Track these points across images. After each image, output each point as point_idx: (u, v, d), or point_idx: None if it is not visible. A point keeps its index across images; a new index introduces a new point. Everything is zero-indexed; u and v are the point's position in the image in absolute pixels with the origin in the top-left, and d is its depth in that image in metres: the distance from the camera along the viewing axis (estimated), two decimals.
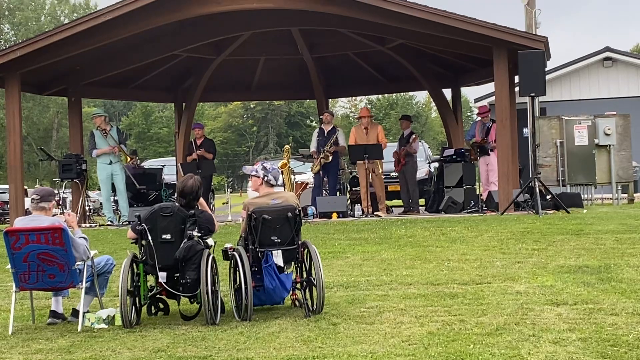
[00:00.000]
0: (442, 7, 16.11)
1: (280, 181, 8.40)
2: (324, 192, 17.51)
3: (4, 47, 45.18)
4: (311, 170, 17.77)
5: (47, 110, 65.16)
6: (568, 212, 15.03)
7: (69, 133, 20.46)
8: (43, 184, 43.72)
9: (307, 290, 7.88)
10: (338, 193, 17.62)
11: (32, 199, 7.75)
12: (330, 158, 17.25)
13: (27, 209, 17.42)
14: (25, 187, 21.26)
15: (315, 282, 7.64)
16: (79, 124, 19.59)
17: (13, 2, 68.69)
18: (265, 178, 8.15)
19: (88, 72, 19.51)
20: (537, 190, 14.84)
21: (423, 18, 16.02)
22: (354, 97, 73.29)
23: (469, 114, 69.43)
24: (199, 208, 7.90)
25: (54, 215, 7.83)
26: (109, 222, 17.79)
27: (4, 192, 27.74)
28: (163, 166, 21.52)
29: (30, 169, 60.30)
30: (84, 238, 7.79)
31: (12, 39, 66.29)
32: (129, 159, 17.82)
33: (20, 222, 7.72)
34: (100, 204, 36.51)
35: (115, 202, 18.51)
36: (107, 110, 77.41)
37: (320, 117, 18.73)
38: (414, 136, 18.04)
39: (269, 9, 17.09)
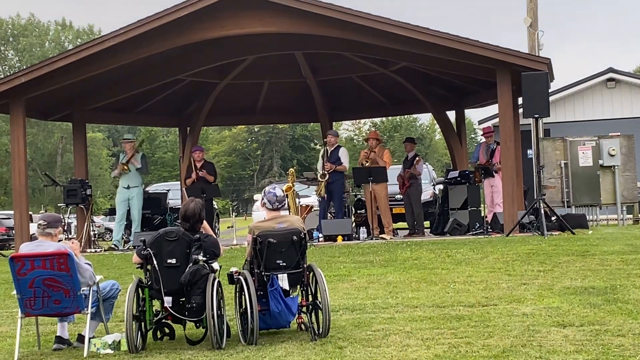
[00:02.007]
0: (446, 30, 16.17)
1: (284, 204, 8.37)
2: (330, 215, 17.47)
3: (9, 74, 45.38)
4: (316, 193, 17.69)
5: (52, 136, 65.26)
6: (573, 233, 15.01)
7: (73, 158, 20.50)
8: (48, 209, 43.72)
9: (313, 314, 7.87)
10: (343, 216, 17.58)
11: (39, 224, 7.76)
12: (327, 176, 17.04)
13: (33, 234, 17.48)
14: (30, 212, 21.29)
15: (321, 306, 7.63)
16: (84, 149, 19.66)
17: (17, 28, 68.98)
18: (262, 201, 8.17)
19: (92, 98, 19.59)
20: (542, 211, 14.82)
21: (426, 41, 16.07)
22: (358, 120, 73.41)
23: (473, 135, 69.51)
24: (204, 232, 7.91)
25: (59, 241, 7.83)
26: (113, 245, 17.83)
27: (9, 218, 27.78)
28: (168, 190, 21.54)
29: (35, 195, 60.30)
30: (88, 264, 7.79)
31: (16, 65, 66.51)
32: (125, 167, 17.83)
33: (25, 248, 7.73)
34: (106, 229, 36.55)
35: (127, 227, 18.49)
36: (112, 135, 77.73)
37: (325, 139, 18.59)
38: (417, 158, 18.05)
39: (273, 33, 17.15)
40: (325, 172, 17.01)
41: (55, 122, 45.14)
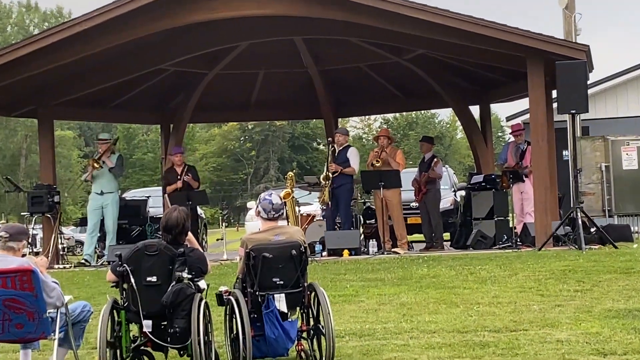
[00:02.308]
0: (468, 13, 16.16)
1: (282, 213, 8.38)
2: (336, 225, 17.46)
3: None
4: (319, 201, 17.68)
5: (14, 134, 65.41)
6: (615, 247, 15.00)
7: (39, 160, 20.52)
8: (10, 219, 43.79)
9: (314, 340, 7.88)
10: (350, 227, 17.59)
11: (0, 236, 7.76)
12: (331, 179, 17.06)
13: None
14: None
15: (324, 331, 7.63)
16: (51, 149, 19.65)
17: None
18: (257, 209, 8.19)
19: (61, 90, 19.60)
20: (580, 221, 14.82)
21: (445, 25, 16.08)
22: (367, 117, 73.55)
23: (499, 134, 69.57)
24: (189, 245, 7.91)
25: (23, 256, 7.83)
26: (84, 260, 17.85)
27: None
28: (148, 197, 21.55)
29: None
30: (55, 283, 7.79)
31: None
32: (95, 164, 17.84)
33: None
34: (76, 241, 36.57)
35: (100, 238, 18.50)
36: (84, 133, 77.84)
37: (329, 139, 18.44)
38: (436, 159, 18.07)
39: (269, 15, 17.18)
40: (330, 175, 16.96)
41: (18, 119, 45.18)
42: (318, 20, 17.25)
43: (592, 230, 16.19)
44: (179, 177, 18.35)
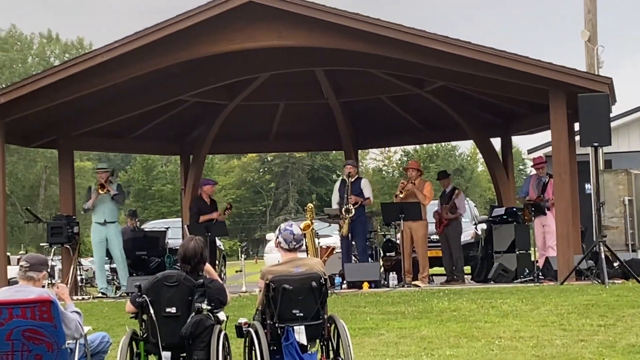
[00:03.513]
0: (490, 45, 16.17)
1: (302, 245, 8.38)
2: (353, 257, 17.46)
3: None
4: (339, 233, 17.65)
5: (34, 165, 65.75)
6: (639, 282, 14.93)
7: (58, 191, 20.59)
8: (29, 249, 43.93)
9: None
10: (370, 259, 17.57)
11: (21, 266, 7.78)
12: (354, 211, 17.08)
13: (11, 278, 17.55)
14: (8, 253, 21.37)
15: None
16: (71, 180, 19.73)
17: None
18: (277, 240, 8.19)
19: (81, 121, 19.69)
20: (603, 256, 14.76)
21: (468, 57, 16.10)
22: (387, 148, 73.58)
23: (521, 167, 69.46)
24: (208, 277, 7.92)
25: (43, 287, 7.85)
26: (101, 294, 17.85)
27: None
28: (167, 228, 21.59)
29: (14, 233, 60.67)
30: (76, 312, 7.81)
31: None
32: (103, 189, 17.86)
33: (3, 294, 7.74)
34: (94, 272, 36.63)
35: (112, 270, 18.57)
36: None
37: (347, 171, 18.21)
38: (457, 191, 18.07)
39: (290, 47, 17.24)
40: (351, 208, 17.00)
41: (38, 149, 45.43)
42: (339, 51, 17.30)
43: (615, 264, 16.11)
44: (209, 207, 18.44)
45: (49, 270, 8.57)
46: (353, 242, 17.42)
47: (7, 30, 71.96)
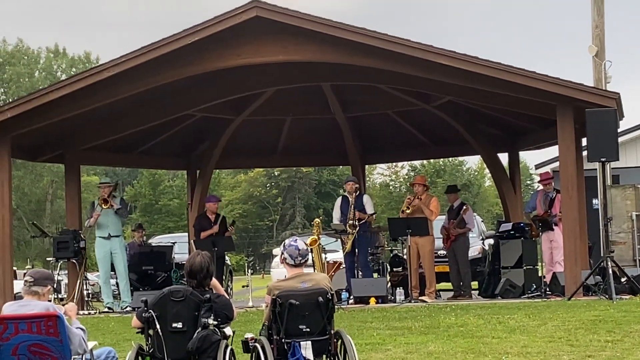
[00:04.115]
0: (497, 60, 16.17)
1: (308, 259, 8.38)
2: (357, 272, 17.45)
3: None
4: (343, 250, 17.62)
5: (40, 179, 65.83)
6: None
7: (65, 206, 20.62)
8: (35, 264, 43.94)
9: None
10: (376, 275, 17.56)
11: (26, 280, 7.80)
12: (358, 227, 17.10)
13: (17, 293, 17.55)
14: (14, 268, 21.40)
15: None
16: (77, 195, 19.74)
17: (3, 55, 69.94)
18: (282, 256, 8.19)
19: (88, 135, 19.73)
20: (610, 271, 14.74)
21: (475, 72, 16.12)
22: (394, 164, 73.48)
23: (528, 182, 69.32)
24: (214, 292, 7.92)
25: (49, 301, 7.86)
26: (107, 309, 17.86)
27: None
28: (174, 243, 21.62)
29: (21, 247, 60.71)
30: (81, 329, 7.81)
31: (1, 98, 67.32)
32: (107, 203, 17.87)
33: (9, 309, 7.75)
34: (100, 287, 36.70)
35: (118, 284, 18.59)
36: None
37: (348, 188, 17.91)
38: (465, 207, 18.07)
39: (297, 61, 17.27)
40: (356, 224, 17.05)
41: (44, 164, 45.59)
42: (346, 66, 17.32)
43: (623, 280, 16.09)
44: (212, 223, 18.50)
45: (54, 285, 8.58)
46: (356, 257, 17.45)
47: (14, 45, 72.24)
